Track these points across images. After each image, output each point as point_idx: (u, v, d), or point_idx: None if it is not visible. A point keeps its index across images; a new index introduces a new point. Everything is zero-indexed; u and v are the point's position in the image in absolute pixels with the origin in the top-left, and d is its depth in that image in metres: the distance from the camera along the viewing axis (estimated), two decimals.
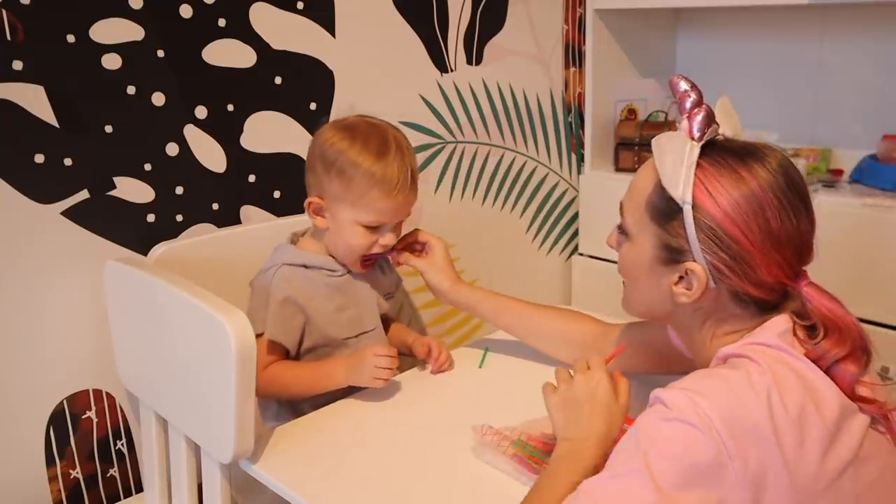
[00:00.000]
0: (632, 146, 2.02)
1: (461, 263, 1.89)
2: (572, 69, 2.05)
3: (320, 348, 1.25)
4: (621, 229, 0.96)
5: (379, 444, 1.10)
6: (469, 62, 1.80)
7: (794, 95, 2.02)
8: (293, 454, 1.09)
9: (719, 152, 0.86)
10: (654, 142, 0.89)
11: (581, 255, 2.15)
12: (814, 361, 0.82)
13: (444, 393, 1.25)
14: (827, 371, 0.81)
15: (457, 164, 1.83)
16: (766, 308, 0.86)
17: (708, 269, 0.85)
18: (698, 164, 0.84)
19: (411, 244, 1.32)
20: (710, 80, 2.16)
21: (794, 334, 0.84)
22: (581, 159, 2.12)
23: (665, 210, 0.87)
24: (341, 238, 1.22)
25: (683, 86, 0.90)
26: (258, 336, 1.17)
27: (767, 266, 0.83)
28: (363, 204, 1.18)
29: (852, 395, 0.81)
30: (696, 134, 0.86)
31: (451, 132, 1.81)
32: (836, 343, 0.82)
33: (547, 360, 1.33)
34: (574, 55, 2.04)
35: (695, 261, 0.85)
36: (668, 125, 2.02)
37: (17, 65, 1.18)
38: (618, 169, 2.06)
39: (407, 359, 1.36)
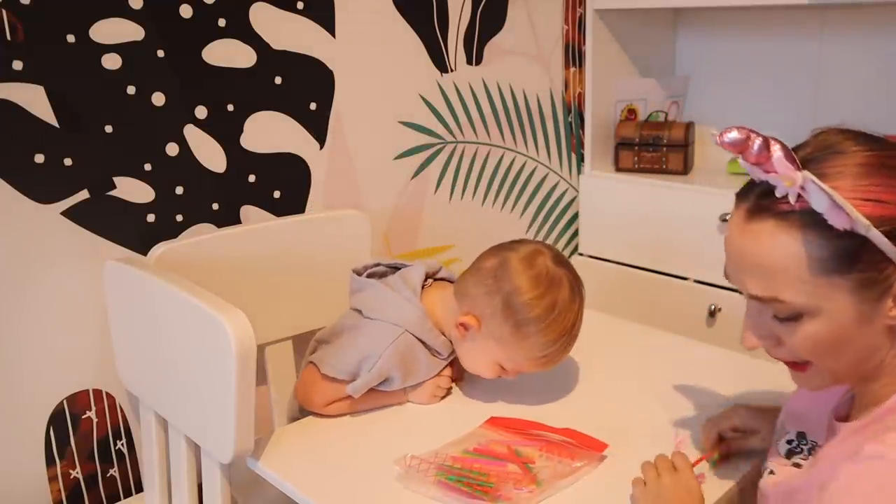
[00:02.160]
0: (632, 146, 2.02)
1: (461, 264, 1.89)
2: (572, 69, 2.05)
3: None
4: (781, 316, 0.80)
5: (383, 443, 1.11)
6: (469, 62, 1.80)
7: (794, 95, 2.02)
8: (298, 453, 1.09)
9: (842, 161, 0.76)
10: (808, 184, 0.74)
11: (581, 255, 2.15)
12: None
13: (455, 389, 1.25)
14: None
15: (457, 164, 1.83)
16: None
17: None
18: (835, 188, 0.73)
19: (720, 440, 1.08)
20: (710, 80, 2.18)
21: None
22: (581, 159, 2.12)
23: (843, 253, 0.74)
24: (472, 361, 1.18)
25: (732, 136, 0.79)
26: (334, 378, 1.16)
27: None
28: (517, 360, 1.15)
29: None
30: (791, 168, 0.76)
31: (451, 132, 1.81)
32: None
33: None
34: (574, 55, 2.04)
35: None
36: (668, 125, 2.02)
37: (17, 65, 1.18)
38: (618, 169, 2.06)
39: None
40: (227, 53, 1.40)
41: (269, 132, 1.49)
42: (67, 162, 1.25)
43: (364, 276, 1.25)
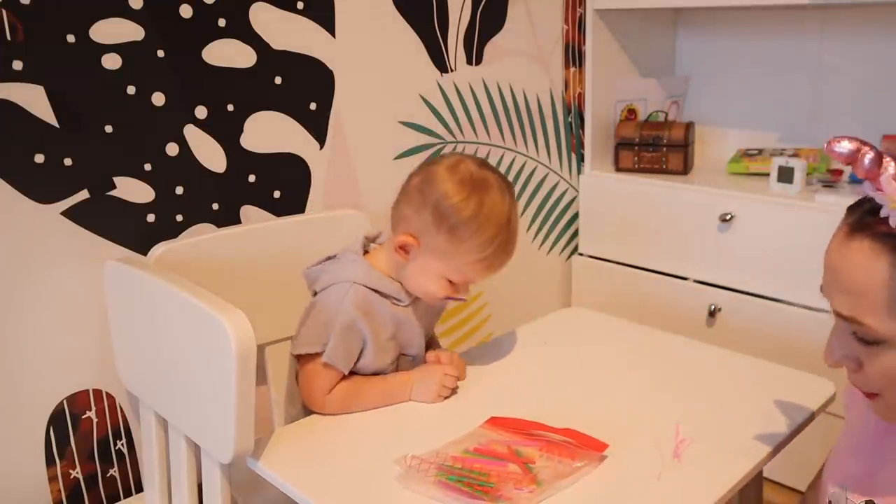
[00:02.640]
0: (632, 146, 2.02)
1: None
2: (572, 69, 2.05)
3: (361, 369, 1.23)
4: (866, 339, 0.78)
5: (383, 442, 1.10)
6: (469, 62, 1.80)
7: (794, 95, 2.02)
8: (298, 453, 1.09)
9: None
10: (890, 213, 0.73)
11: (581, 255, 2.15)
12: None
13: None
14: None
15: None
16: None
17: None
18: None
19: None
20: (710, 80, 2.18)
21: None
22: (581, 159, 2.12)
23: None
24: (420, 282, 1.19)
25: (845, 147, 0.77)
26: (318, 355, 1.16)
27: None
28: (460, 268, 1.16)
29: None
30: None
31: (451, 132, 1.81)
32: None
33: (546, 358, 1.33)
34: (574, 55, 2.04)
35: None
36: (668, 125, 2.02)
37: (17, 65, 1.18)
38: (618, 169, 2.06)
39: None
40: (227, 53, 1.40)
41: (269, 132, 1.49)
42: (67, 162, 1.25)
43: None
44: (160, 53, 1.32)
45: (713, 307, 1.84)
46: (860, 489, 0.87)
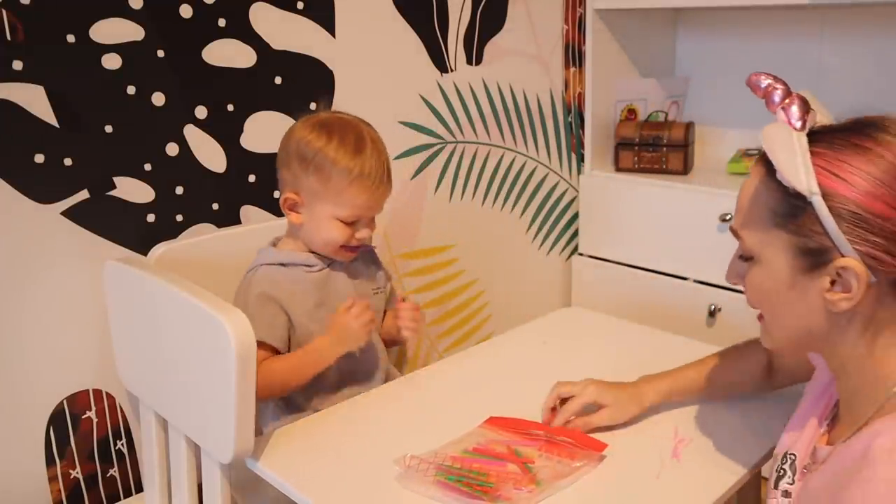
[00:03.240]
0: (632, 146, 2.02)
1: (461, 263, 1.89)
2: (572, 69, 2.05)
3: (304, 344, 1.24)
4: (743, 256, 0.85)
5: (382, 442, 1.10)
6: (469, 62, 1.80)
7: None
8: (298, 453, 1.09)
9: (830, 135, 0.77)
10: (763, 134, 0.78)
11: (581, 255, 2.15)
12: None
13: (451, 388, 1.25)
14: None
15: (457, 164, 1.83)
16: None
17: (863, 261, 0.73)
18: (813, 152, 0.75)
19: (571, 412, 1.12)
20: (710, 80, 2.18)
21: None
22: (581, 159, 2.12)
23: (789, 210, 0.77)
24: (318, 233, 1.24)
25: (765, 80, 0.82)
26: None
27: None
28: (341, 199, 1.20)
29: None
30: (797, 123, 0.78)
31: (451, 132, 1.81)
32: None
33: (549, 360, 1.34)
34: (574, 55, 2.04)
35: (844, 256, 0.74)
36: (668, 125, 2.02)
37: (17, 65, 1.18)
38: (618, 169, 2.06)
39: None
40: (227, 53, 1.40)
41: (270, 132, 1.49)
42: (67, 162, 1.25)
43: None
44: (160, 53, 1.32)
45: (713, 307, 1.84)
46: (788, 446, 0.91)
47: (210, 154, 1.42)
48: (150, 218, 1.36)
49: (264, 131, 1.48)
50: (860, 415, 0.78)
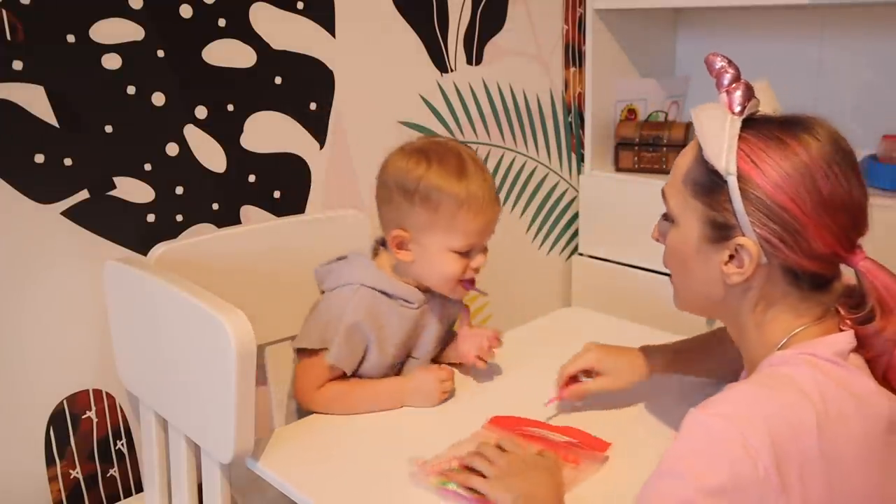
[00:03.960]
0: (632, 146, 2.02)
1: None
2: (572, 69, 2.05)
3: (363, 372, 1.22)
4: (666, 216, 0.93)
5: (384, 442, 1.11)
6: (469, 62, 1.80)
7: (794, 95, 2.02)
8: (298, 453, 1.09)
9: (762, 125, 0.84)
10: (692, 112, 0.88)
11: (581, 255, 2.15)
12: (871, 358, 0.80)
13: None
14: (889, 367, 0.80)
15: None
16: (817, 285, 0.83)
17: (759, 243, 0.81)
18: (741, 137, 0.82)
19: (573, 379, 1.16)
20: (711, 80, 2.17)
21: (844, 318, 0.82)
22: (581, 159, 2.12)
23: (708, 184, 0.84)
24: (433, 269, 1.17)
25: (719, 62, 0.91)
26: (317, 351, 1.17)
27: (822, 235, 0.79)
28: (453, 227, 1.13)
29: None
30: (737, 108, 0.85)
31: (451, 132, 1.81)
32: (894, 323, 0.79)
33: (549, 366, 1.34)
34: (574, 55, 2.04)
35: (744, 235, 0.82)
36: (668, 125, 2.02)
37: (17, 65, 1.18)
38: (618, 169, 2.06)
39: None
40: (227, 53, 1.40)
41: (269, 132, 1.49)
42: (67, 162, 1.25)
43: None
44: (160, 53, 1.32)
45: None
46: None
47: (210, 154, 1.42)
48: (150, 218, 1.36)
49: (264, 131, 1.48)
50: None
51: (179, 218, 1.39)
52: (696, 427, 0.76)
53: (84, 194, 1.27)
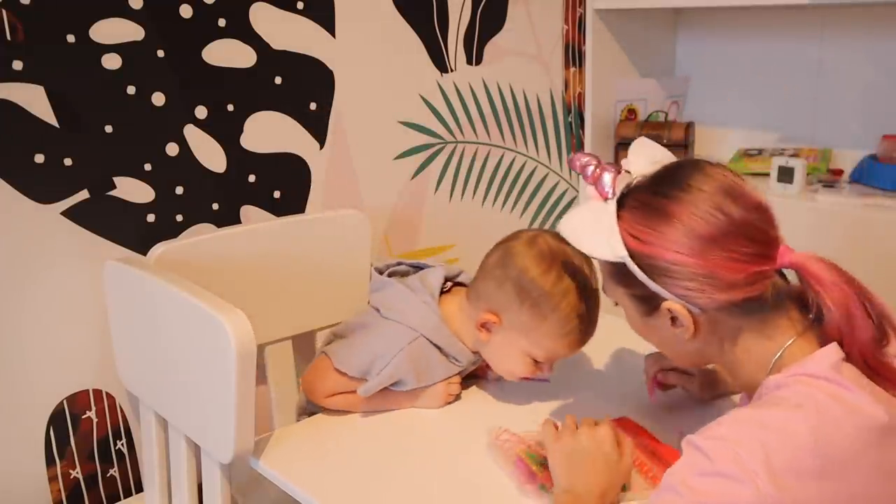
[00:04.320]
0: None
1: (461, 264, 1.89)
2: (572, 69, 2.05)
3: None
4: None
5: (385, 442, 1.11)
6: (469, 62, 1.80)
7: (794, 95, 2.02)
8: (300, 452, 1.09)
9: (634, 195, 0.88)
10: (561, 227, 0.93)
11: None
12: (866, 362, 0.80)
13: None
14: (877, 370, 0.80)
15: (457, 164, 1.83)
16: (761, 307, 0.84)
17: (681, 301, 0.85)
18: (619, 217, 0.87)
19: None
20: (710, 80, 2.18)
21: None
22: None
23: (616, 271, 0.89)
24: (502, 359, 1.16)
25: (582, 159, 0.94)
26: (344, 374, 1.16)
27: (728, 267, 0.81)
28: (545, 345, 1.12)
29: None
30: (608, 193, 0.90)
31: (451, 132, 1.81)
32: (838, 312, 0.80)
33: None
34: (574, 55, 2.04)
35: (666, 300, 0.86)
36: (668, 125, 2.02)
37: (17, 65, 1.18)
38: None
39: None
40: (227, 53, 1.40)
41: (269, 132, 1.49)
42: (67, 162, 1.25)
43: (385, 275, 1.25)
44: (160, 53, 1.32)
45: None
46: None
47: (210, 154, 1.42)
48: (150, 218, 1.36)
49: (264, 131, 1.48)
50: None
51: (179, 218, 1.39)
52: (692, 450, 0.77)
53: (84, 194, 1.27)
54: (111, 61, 1.27)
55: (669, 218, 0.83)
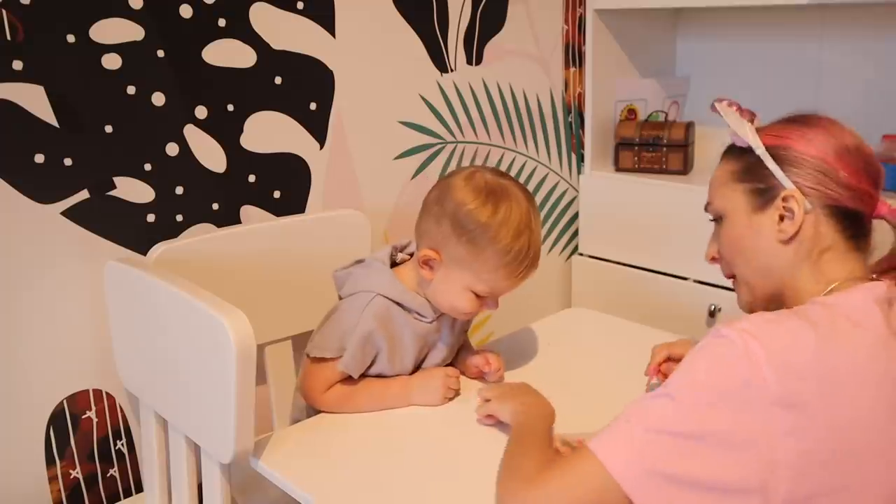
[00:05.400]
0: (632, 146, 2.02)
1: None
2: (572, 69, 2.05)
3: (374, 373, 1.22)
4: (714, 220, 1.04)
5: (384, 442, 1.11)
6: (469, 62, 1.80)
7: (794, 95, 2.02)
8: (300, 452, 1.09)
9: (769, 124, 1.00)
10: (720, 108, 1.03)
11: (581, 255, 2.15)
12: None
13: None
14: None
15: (457, 165, 1.83)
16: (860, 231, 0.93)
17: (801, 189, 0.92)
18: (757, 130, 0.97)
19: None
20: (710, 80, 2.18)
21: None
22: (581, 159, 2.12)
23: (744, 166, 0.97)
24: (446, 297, 1.17)
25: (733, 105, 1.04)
26: (328, 359, 1.17)
27: (850, 172, 0.91)
28: (486, 277, 1.13)
29: None
30: (748, 116, 1.01)
31: (451, 132, 1.81)
32: None
33: (553, 366, 1.34)
34: (574, 55, 2.04)
35: (785, 188, 0.92)
36: (668, 125, 2.02)
37: (17, 65, 1.18)
38: (618, 169, 2.06)
39: None
40: (227, 53, 1.40)
41: (269, 132, 1.49)
42: (67, 162, 1.25)
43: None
44: (160, 53, 1.32)
45: (713, 307, 1.84)
46: None
47: (210, 154, 1.42)
48: (150, 218, 1.36)
49: (264, 131, 1.48)
50: None
51: (179, 218, 1.39)
52: (705, 343, 0.83)
53: (84, 194, 1.27)
54: (111, 61, 1.27)
55: (810, 124, 0.95)
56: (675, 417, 0.79)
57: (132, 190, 1.33)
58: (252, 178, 1.48)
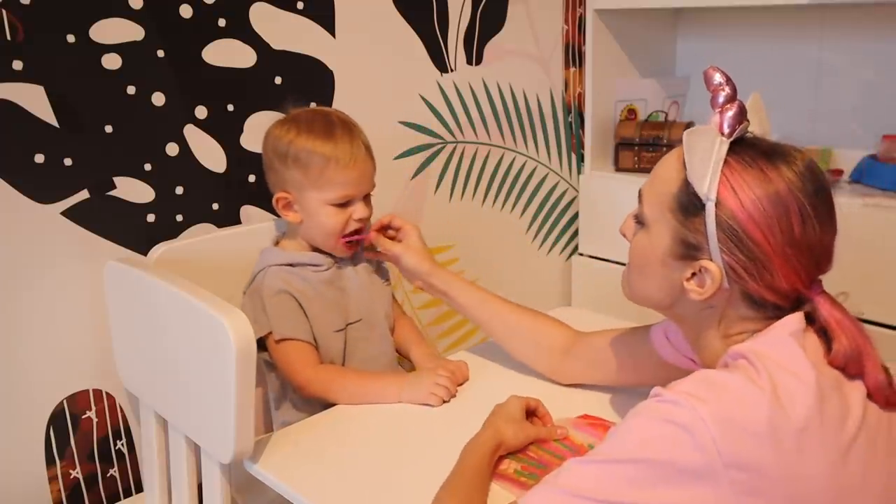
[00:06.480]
0: (632, 146, 2.02)
1: (461, 264, 1.89)
2: (572, 69, 2.05)
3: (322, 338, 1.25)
4: (637, 218, 0.95)
5: (381, 444, 1.10)
6: (469, 62, 1.80)
7: (794, 95, 2.02)
8: (295, 454, 1.09)
9: (747, 150, 0.84)
10: (684, 134, 0.88)
11: (581, 255, 2.15)
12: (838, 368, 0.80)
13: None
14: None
15: (457, 164, 1.83)
16: (776, 314, 0.84)
17: (724, 269, 0.83)
18: (726, 161, 0.83)
19: (385, 228, 1.34)
20: None
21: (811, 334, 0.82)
22: (581, 159, 2.12)
23: (687, 205, 0.85)
24: (316, 224, 1.24)
25: (718, 78, 0.91)
26: (266, 336, 1.20)
27: (785, 272, 0.81)
28: (323, 183, 1.21)
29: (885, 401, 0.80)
30: (727, 130, 0.86)
31: (451, 132, 1.81)
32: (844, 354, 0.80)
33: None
34: (574, 55, 2.04)
35: (711, 259, 0.84)
36: (668, 125, 2.02)
37: (17, 65, 1.18)
38: (618, 169, 2.06)
39: (406, 362, 1.37)
40: (227, 53, 1.40)
41: None
42: (67, 162, 1.25)
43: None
44: (160, 53, 1.32)
45: None
46: None
47: (210, 154, 1.42)
48: (150, 218, 1.36)
49: (264, 131, 1.47)
50: None
51: (179, 218, 1.39)
52: (649, 400, 0.78)
53: (84, 194, 1.27)
54: (111, 61, 1.27)
55: (773, 193, 0.80)
56: (603, 486, 0.74)
57: (132, 190, 1.33)
58: (252, 178, 1.48)
